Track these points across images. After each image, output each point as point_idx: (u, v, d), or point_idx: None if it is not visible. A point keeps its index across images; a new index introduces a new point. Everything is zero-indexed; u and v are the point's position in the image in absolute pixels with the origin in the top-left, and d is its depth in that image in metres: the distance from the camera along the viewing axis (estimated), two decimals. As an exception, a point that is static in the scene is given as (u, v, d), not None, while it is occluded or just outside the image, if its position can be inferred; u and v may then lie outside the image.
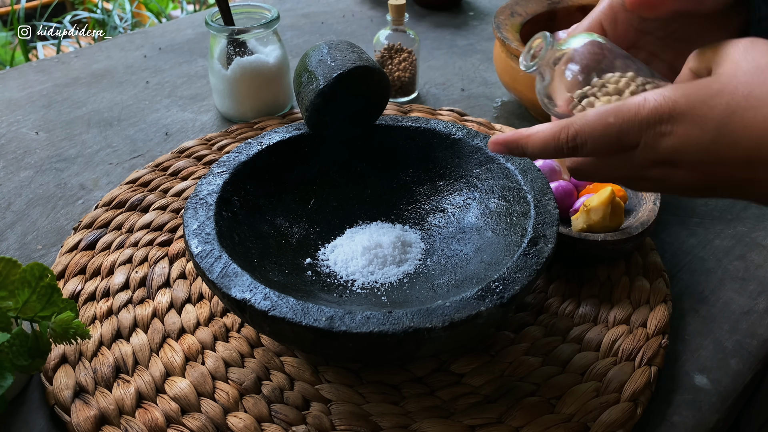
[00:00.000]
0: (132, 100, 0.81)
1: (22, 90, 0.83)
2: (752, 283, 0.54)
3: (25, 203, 0.63)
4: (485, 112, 0.78)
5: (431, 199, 0.55)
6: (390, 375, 0.46)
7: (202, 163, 0.67)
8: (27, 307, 0.42)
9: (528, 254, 0.42)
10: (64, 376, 0.45)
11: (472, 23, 1.04)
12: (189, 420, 0.42)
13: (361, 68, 0.50)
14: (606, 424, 0.42)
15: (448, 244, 0.52)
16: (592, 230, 0.51)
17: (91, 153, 0.71)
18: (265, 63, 0.72)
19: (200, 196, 0.47)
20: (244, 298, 0.38)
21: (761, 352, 0.48)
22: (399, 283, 0.49)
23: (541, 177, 0.48)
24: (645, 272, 0.53)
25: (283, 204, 0.53)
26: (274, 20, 0.71)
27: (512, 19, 0.75)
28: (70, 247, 0.56)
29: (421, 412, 0.43)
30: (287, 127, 0.54)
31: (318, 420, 0.42)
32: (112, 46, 0.96)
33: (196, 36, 0.99)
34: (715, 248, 0.58)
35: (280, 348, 0.48)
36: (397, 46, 0.78)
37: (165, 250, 0.56)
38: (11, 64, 1.62)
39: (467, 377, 0.45)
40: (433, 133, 0.55)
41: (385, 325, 0.37)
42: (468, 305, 0.38)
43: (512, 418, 0.42)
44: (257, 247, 0.48)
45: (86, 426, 0.42)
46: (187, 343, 0.47)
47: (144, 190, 0.63)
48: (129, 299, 0.51)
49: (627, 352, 0.46)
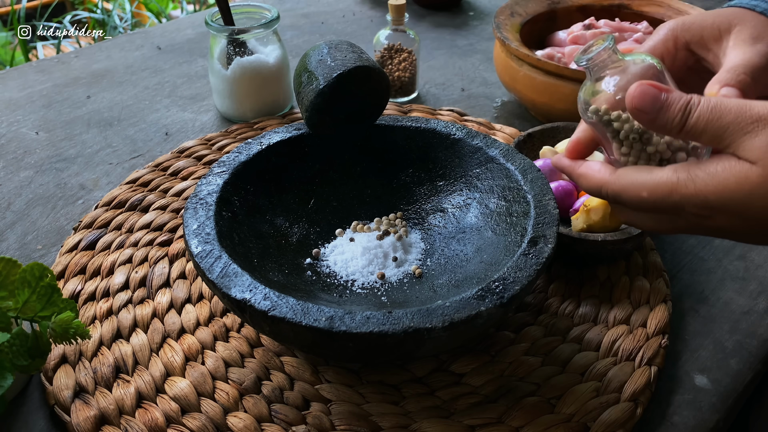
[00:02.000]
0: (132, 100, 0.81)
1: (22, 90, 0.83)
2: (752, 283, 0.54)
3: (25, 203, 0.63)
4: (485, 112, 0.78)
5: (431, 199, 0.55)
6: (390, 375, 0.46)
7: (202, 163, 0.67)
8: (27, 307, 0.42)
9: (528, 254, 0.42)
10: (64, 376, 0.45)
11: (472, 23, 1.04)
12: (189, 420, 0.42)
13: (361, 68, 0.50)
14: (606, 424, 0.42)
15: (448, 244, 0.52)
16: (592, 230, 0.51)
17: (91, 153, 0.71)
18: (265, 63, 0.72)
19: (200, 196, 0.47)
20: (244, 298, 0.38)
21: (761, 352, 0.48)
22: (399, 283, 0.49)
23: (541, 177, 0.48)
24: (645, 272, 0.53)
25: (283, 204, 0.53)
26: (274, 20, 0.71)
27: (512, 19, 0.75)
28: (70, 247, 0.56)
29: (421, 412, 0.43)
30: (287, 127, 0.54)
31: (318, 420, 0.42)
32: (112, 46, 0.96)
33: (196, 36, 0.99)
34: (715, 248, 0.58)
35: (280, 348, 0.48)
36: (397, 46, 0.78)
37: (165, 250, 0.56)
38: (11, 64, 1.62)
39: (467, 377, 0.45)
40: (433, 133, 0.55)
41: (385, 325, 0.37)
42: (468, 305, 0.38)
43: (512, 418, 0.42)
44: (257, 247, 0.48)
45: (86, 426, 0.42)
46: (187, 343, 0.47)
47: (144, 190, 0.63)
48: (129, 299, 0.51)
49: (627, 352, 0.46)
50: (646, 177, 0.35)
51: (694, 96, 0.34)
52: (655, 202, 0.35)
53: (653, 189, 0.35)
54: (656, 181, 0.35)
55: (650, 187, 0.35)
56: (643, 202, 0.35)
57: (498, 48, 0.73)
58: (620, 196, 0.37)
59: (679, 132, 0.34)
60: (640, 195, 0.35)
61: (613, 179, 0.37)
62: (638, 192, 0.35)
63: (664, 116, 0.34)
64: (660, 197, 0.34)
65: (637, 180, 0.36)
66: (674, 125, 0.34)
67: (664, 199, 0.34)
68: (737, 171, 0.32)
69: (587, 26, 0.76)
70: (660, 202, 0.35)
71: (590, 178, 0.39)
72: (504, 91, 0.83)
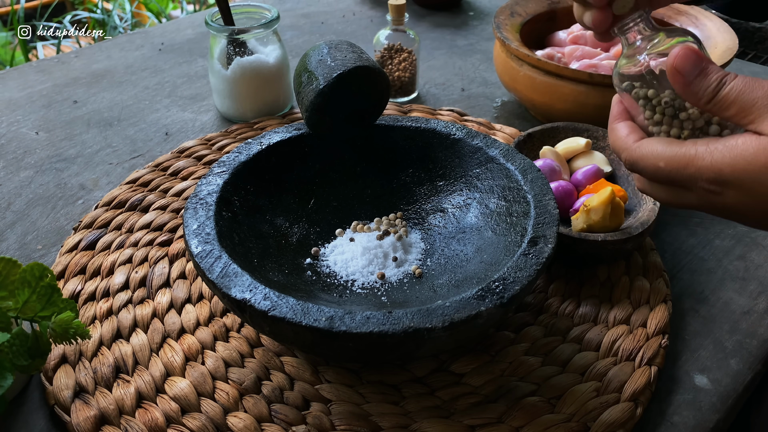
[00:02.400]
0: (132, 100, 0.81)
1: (22, 90, 0.83)
2: (752, 283, 0.54)
3: (25, 203, 0.63)
4: (485, 112, 0.78)
5: (431, 199, 0.55)
6: (390, 375, 0.46)
7: (202, 163, 0.67)
8: (27, 307, 0.42)
9: (528, 254, 0.42)
10: (64, 376, 0.45)
11: (472, 23, 1.04)
12: (189, 420, 0.42)
13: (361, 68, 0.50)
14: (606, 424, 0.42)
15: (448, 244, 0.52)
16: (592, 230, 0.51)
17: (91, 153, 0.71)
18: (265, 63, 0.72)
19: (200, 196, 0.47)
20: (244, 298, 0.38)
21: (761, 352, 0.48)
22: (399, 283, 0.49)
23: (541, 177, 0.48)
24: (645, 272, 0.53)
25: (283, 204, 0.53)
26: (274, 20, 0.71)
27: (512, 19, 0.75)
28: (70, 247, 0.56)
29: (421, 412, 0.43)
30: (287, 127, 0.54)
31: (318, 420, 0.42)
32: (112, 46, 0.96)
33: (196, 36, 0.99)
34: (715, 248, 0.58)
35: (280, 348, 0.48)
36: (397, 46, 0.78)
37: (165, 250, 0.56)
38: (11, 64, 1.62)
39: (467, 377, 0.45)
40: (433, 133, 0.55)
41: (385, 325, 0.37)
42: (468, 305, 0.38)
43: (512, 418, 0.42)
44: (257, 247, 0.48)
45: (86, 426, 0.42)
46: (187, 343, 0.47)
47: (144, 190, 0.63)
48: (129, 299, 0.51)
49: (627, 352, 0.46)
50: (665, 148, 0.36)
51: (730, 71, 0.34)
52: (670, 173, 0.35)
53: (670, 159, 0.35)
54: (674, 152, 0.35)
55: (668, 158, 0.35)
56: (660, 171, 0.36)
57: (498, 48, 0.73)
58: (638, 163, 0.37)
59: (709, 101, 0.34)
60: (657, 165, 0.36)
61: (634, 147, 0.37)
62: (656, 162, 0.36)
63: (700, 82, 0.34)
64: (676, 168, 0.35)
65: (656, 150, 0.36)
66: (707, 92, 0.34)
67: (679, 170, 0.35)
68: (756, 145, 0.32)
69: (587, 26, 0.76)
70: (675, 174, 0.35)
71: (616, 139, 0.39)
72: (504, 91, 0.83)
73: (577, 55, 0.72)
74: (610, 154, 0.61)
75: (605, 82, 0.62)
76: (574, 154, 0.61)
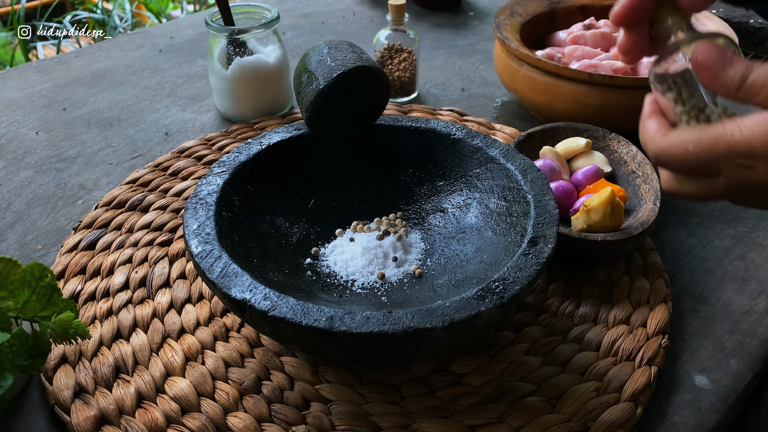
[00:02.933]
0: (132, 100, 0.81)
1: (22, 90, 0.83)
2: (752, 283, 0.54)
3: (25, 203, 0.63)
4: (485, 112, 0.78)
5: (431, 199, 0.55)
6: (390, 375, 0.46)
7: (202, 163, 0.67)
8: (27, 307, 0.42)
9: (528, 254, 0.42)
10: (64, 376, 0.45)
11: (472, 23, 1.04)
12: (189, 420, 0.42)
13: (361, 68, 0.50)
14: (606, 424, 0.42)
15: (448, 244, 0.52)
16: (592, 230, 0.51)
17: (91, 153, 0.71)
18: (265, 63, 0.72)
19: (200, 196, 0.47)
20: (244, 298, 0.38)
21: (761, 352, 0.48)
22: (399, 283, 0.49)
23: (541, 177, 0.48)
24: (645, 272, 0.53)
25: (283, 204, 0.53)
26: (274, 20, 0.71)
27: (512, 19, 0.75)
28: (70, 247, 0.56)
29: (421, 412, 0.43)
30: (287, 127, 0.54)
31: (318, 420, 0.42)
32: (112, 46, 0.96)
33: (196, 36, 0.99)
34: (715, 248, 0.58)
35: (280, 348, 0.48)
36: (397, 46, 0.78)
37: (165, 250, 0.56)
38: (11, 64, 1.62)
39: (467, 377, 0.45)
40: (433, 133, 0.55)
41: (385, 325, 0.37)
42: (468, 305, 0.38)
43: (512, 418, 0.42)
44: (257, 247, 0.48)
45: (86, 426, 0.42)
46: (187, 343, 0.47)
47: (144, 190, 0.63)
48: (129, 299, 0.51)
49: (627, 352, 0.46)
50: (692, 132, 0.36)
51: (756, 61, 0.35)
52: (700, 154, 0.35)
53: (699, 141, 0.35)
54: (702, 133, 0.35)
55: (696, 140, 0.35)
56: (688, 156, 0.35)
57: (498, 48, 0.73)
58: (666, 153, 0.37)
59: (738, 89, 0.34)
60: (686, 149, 0.35)
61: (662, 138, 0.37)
62: (684, 146, 0.35)
63: (726, 72, 0.35)
64: (706, 149, 0.34)
65: (683, 136, 0.36)
66: (735, 81, 0.34)
67: (709, 149, 0.34)
68: None
69: (587, 26, 0.76)
70: (705, 155, 0.35)
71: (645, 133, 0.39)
72: (504, 91, 0.83)
73: (577, 55, 0.72)
74: (610, 154, 0.61)
75: (605, 82, 0.62)
76: (574, 154, 0.61)
